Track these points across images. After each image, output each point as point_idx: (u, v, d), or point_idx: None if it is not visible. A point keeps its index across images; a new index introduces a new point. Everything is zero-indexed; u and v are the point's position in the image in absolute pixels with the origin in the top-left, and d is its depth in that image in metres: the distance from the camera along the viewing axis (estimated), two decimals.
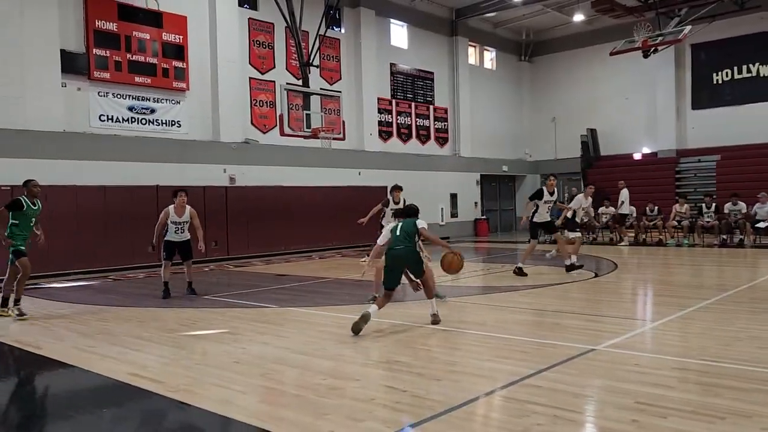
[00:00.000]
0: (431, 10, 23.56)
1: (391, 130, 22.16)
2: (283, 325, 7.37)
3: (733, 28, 21.78)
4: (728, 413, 3.83)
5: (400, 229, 7.24)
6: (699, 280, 11.07)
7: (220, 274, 13.79)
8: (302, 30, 16.11)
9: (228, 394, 4.62)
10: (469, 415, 4.04)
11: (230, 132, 16.91)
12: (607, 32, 24.04)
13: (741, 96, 22.72)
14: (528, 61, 28.05)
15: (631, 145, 25.04)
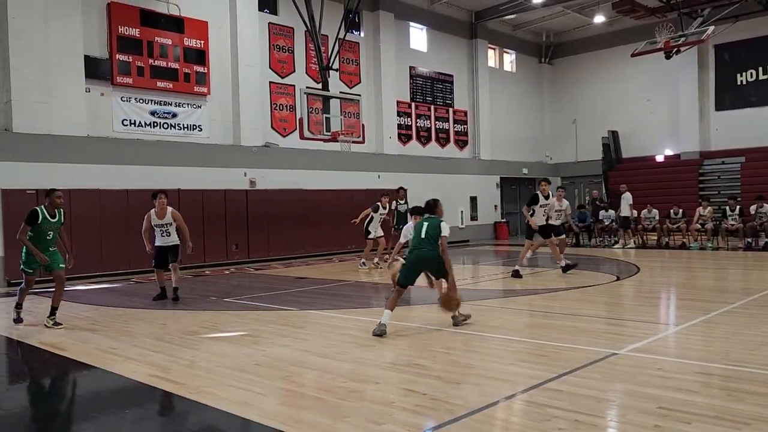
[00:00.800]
0: (450, 12, 23.53)
1: (410, 133, 22.16)
2: (303, 328, 7.40)
3: (757, 28, 21.42)
4: (753, 419, 3.76)
5: (426, 230, 7.15)
6: (723, 283, 10.89)
7: (241, 277, 13.89)
8: (322, 34, 16.18)
9: (248, 396, 4.65)
10: (489, 419, 4.03)
11: (250, 136, 17.05)
12: (628, 33, 23.79)
13: (766, 97, 22.33)
14: (548, 63, 27.87)
15: (653, 146, 24.73)
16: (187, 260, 15.19)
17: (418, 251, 7.11)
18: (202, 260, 15.36)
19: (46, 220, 7.70)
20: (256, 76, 17.30)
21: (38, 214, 7.65)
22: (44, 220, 7.69)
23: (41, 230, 7.69)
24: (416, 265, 7.17)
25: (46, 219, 7.71)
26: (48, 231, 7.75)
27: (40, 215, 7.65)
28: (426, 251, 7.07)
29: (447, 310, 7.11)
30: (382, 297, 10.08)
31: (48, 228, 7.74)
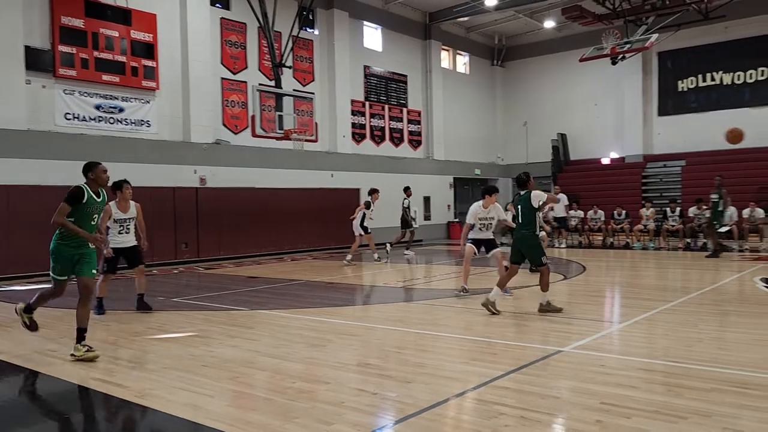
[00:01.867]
0: (405, 13, 23.65)
1: (364, 133, 22.16)
2: (253, 328, 7.31)
3: (698, 37, 22.32)
4: (689, 413, 3.91)
5: (520, 209, 7.45)
6: (664, 282, 11.30)
7: (190, 277, 13.62)
8: (275, 30, 16.02)
9: (195, 398, 4.56)
10: (438, 417, 4.06)
11: (201, 132, 16.73)
12: (577, 39, 24.43)
13: (705, 103, 23.31)
14: (500, 65, 28.34)
15: (599, 149, 25.47)
16: None
17: (517, 233, 7.55)
18: (150, 259, 14.96)
19: (92, 199, 6.05)
20: (207, 71, 16.98)
21: (83, 192, 5.99)
22: (90, 199, 6.03)
23: (85, 212, 6.01)
24: (515, 246, 7.54)
25: (92, 198, 6.05)
26: (93, 214, 6.12)
27: (85, 193, 6.00)
28: (520, 233, 7.40)
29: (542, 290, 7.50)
30: (333, 296, 10.05)
31: (93, 210, 6.11)
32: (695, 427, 3.69)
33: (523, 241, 7.43)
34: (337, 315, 8.16)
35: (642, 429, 3.69)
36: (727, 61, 22.66)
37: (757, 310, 7.71)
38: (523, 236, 7.42)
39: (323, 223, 19.15)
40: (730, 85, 22.78)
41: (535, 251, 7.33)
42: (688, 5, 18.79)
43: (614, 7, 19.08)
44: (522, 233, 7.48)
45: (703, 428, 3.67)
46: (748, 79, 22.43)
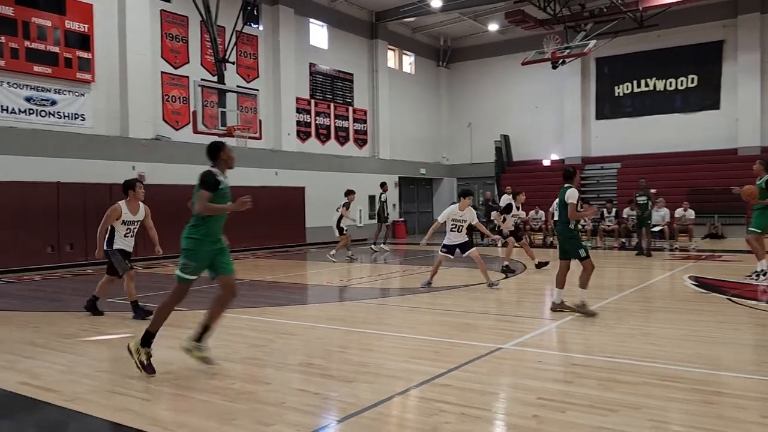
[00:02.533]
0: (351, 11, 23.62)
1: (309, 131, 22.01)
2: (192, 329, 7.12)
3: (633, 44, 23.20)
4: (620, 406, 4.06)
5: (558, 201, 7.49)
6: (599, 280, 11.65)
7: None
8: (218, 25, 15.73)
9: (130, 401, 4.43)
10: (380, 416, 4.07)
11: (140, 127, 16.23)
12: (520, 43, 24.98)
13: (640, 108, 24.27)
14: (446, 67, 28.68)
15: (541, 151, 26.14)
16: (67, 258, 14.26)
17: (556, 227, 7.75)
18: (83, 258, 14.44)
19: (224, 182, 5.32)
20: (146, 64, 16.48)
21: (217, 177, 5.23)
22: (224, 184, 5.30)
23: (221, 198, 5.27)
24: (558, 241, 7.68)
25: (225, 183, 5.32)
26: (227, 199, 5.36)
27: (220, 177, 5.26)
28: (557, 227, 7.54)
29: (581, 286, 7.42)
30: (275, 296, 9.94)
31: (227, 194, 5.34)
32: (625, 419, 3.84)
33: (559, 235, 7.62)
34: (279, 314, 8.08)
35: (576, 423, 3.81)
36: (660, 68, 23.67)
37: (686, 307, 8.08)
38: (559, 231, 7.61)
39: (267, 221, 18.91)
40: (662, 91, 23.80)
41: (569, 244, 7.38)
42: (623, 13, 19.51)
43: (555, 13, 19.61)
44: (558, 228, 7.67)
45: (632, 420, 3.81)
46: (679, 86, 23.48)
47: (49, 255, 14.00)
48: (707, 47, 22.83)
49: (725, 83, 22.62)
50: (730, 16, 22.27)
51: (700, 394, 4.33)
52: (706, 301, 8.52)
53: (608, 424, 3.75)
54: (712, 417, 3.87)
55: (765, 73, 21.85)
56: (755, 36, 21.82)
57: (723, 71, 22.66)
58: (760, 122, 21.89)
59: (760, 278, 9.83)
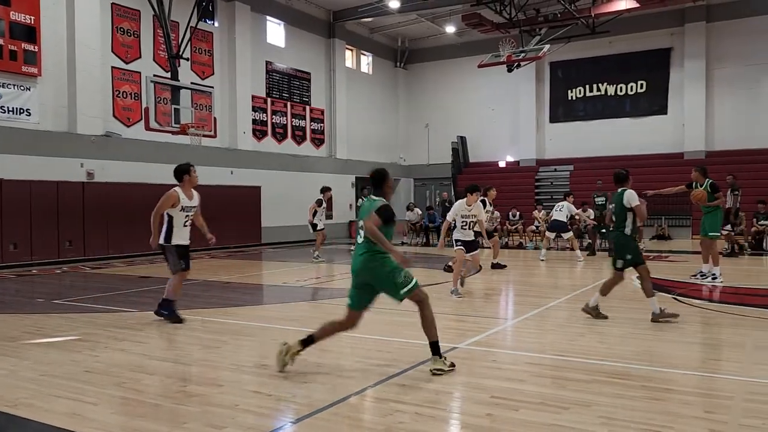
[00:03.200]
0: (309, 10, 23.47)
1: (265, 129, 21.76)
2: (143, 330, 6.96)
3: (586, 49, 23.77)
4: (572, 403, 4.15)
5: (614, 206, 7.07)
6: (553, 280, 11.92)
7: (74, 277, 12.79)
8: (172, 20, 15.37)
9: (76, 406, 4.28)
10: (334, 417, 4.05)
11: (89, 124, 15.73)
12: (477, 45, 25.28)
13: (592, 112, 24.91)
14: (403, 67, 28.79)
15: (496, 153, 26.51)
16: (10, 258, 13.72)
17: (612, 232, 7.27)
18: (28, 258, 13.94)
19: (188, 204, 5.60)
20: (96, 59, 15.98)
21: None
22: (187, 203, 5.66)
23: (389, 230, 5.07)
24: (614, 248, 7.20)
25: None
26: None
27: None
28: (614, 233, 7.09)
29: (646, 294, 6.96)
30: (229, 296, 9.79)
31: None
32: (576, 416, 3.91)
33: (617, 243, 7.04)
34: (233, 315, 7.96)
35: (528, 420, 3.86)
36: (611, 74, 24.33)
37: (634, 305, 8.30)
38: (617, 238, 7.03)
39: (222, 221, 18.55)
40: (613, 95, 24.47)
41: (631, 251, 6.84)
42: (577, 19, 19.97)
43: (511, 17, 19.92)
44: (614, 235, 7.14)
45: (583, 417, 3.89)
46: (629, 91, 24.19)
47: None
48: (656, 54, 23.59)
49: (672, 89, 23.41)
50: (677, 24, 23.06)
51: (648, 390, 4.45)
52: None
53: (560, 422, 3.82)
54: (659, 413, 3.98)
55: (710, 80, 22.70)
56: (701, 44, 22.65)
57: (670, 77, 23.45)
58: (705, 127, 22.73)
59: (707, 279, 10.15)
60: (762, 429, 3.68)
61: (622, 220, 6.93)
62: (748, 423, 3.78)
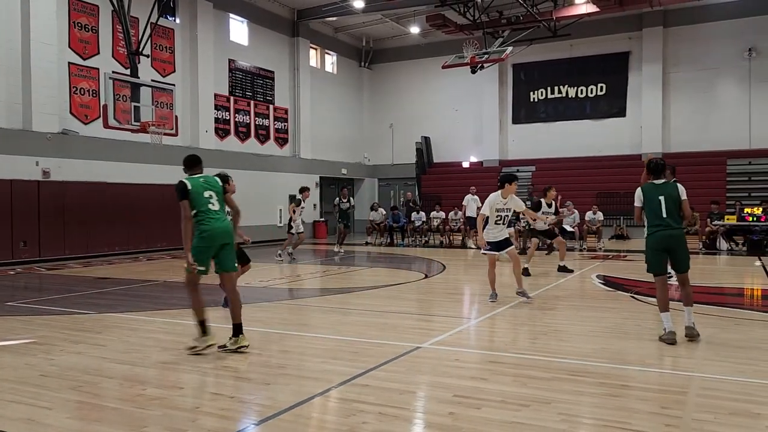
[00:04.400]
0: (272, 8, 23.27)
1: (228, 128, 21.49)
2: (101, 333, 6.80)
3: (547, 52, 24.17)
4: (532, 401, 4.21)
5: (663, 199, 5.88)
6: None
7: (29, 278, 12.42)
8: (131, 16, 15.06)
9: (31, 411, 4.16)
10: (297, 418, 4.03)
11: (44, 121, 15.28)
12: (441, 46, 25.44)
13: (553, 114, 25.34)
14: (368, 67, 28.79)
15: (460, 153, 26.73)
16: None
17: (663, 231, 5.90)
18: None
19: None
20: (51, 54, 15.52)
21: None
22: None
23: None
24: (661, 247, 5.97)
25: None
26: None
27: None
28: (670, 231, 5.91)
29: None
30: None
31: None
32: (536, 413, 3.98)
33: (677, 242, 5.95)
34: None
35: (490, 418, 3.91)
36: (572, 76, 24.79)
37: (593, 304, 8.49)
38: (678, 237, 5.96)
39: None
40: (574, 98, 24.94)
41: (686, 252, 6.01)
42: (538, 22, 20.28)
43: (474, 19, 20.11)
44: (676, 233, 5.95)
45: (543, 414, 3.96)
46: (589, 94, 24.69)
47: None
48: (615, 57, 24.14)
49: (631, 92, 23.98)
50: (635, 28, 23.64)
51: (607, 387, 4.56)
52: (611, 298, 8.99)
53: (520, 419, 3.88)
54: (617, 409, 4.08)
55: (666, 84, 23.34)
56: (658, 48, 23.27)
57: (629, 80, 24.02)
58: (662, 130, 23.36)
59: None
60: (713, 423, 3.80)
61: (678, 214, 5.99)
62: (700, 417, 3.91)
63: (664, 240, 5.91)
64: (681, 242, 5.97)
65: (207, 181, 5.98)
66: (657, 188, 5.99)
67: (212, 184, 5.99)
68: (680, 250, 5.96)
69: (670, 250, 5.97)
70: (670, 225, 5.89)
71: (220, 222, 5.81)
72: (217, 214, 5.83)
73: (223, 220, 5.88)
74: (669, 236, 5.90)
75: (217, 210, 5.83)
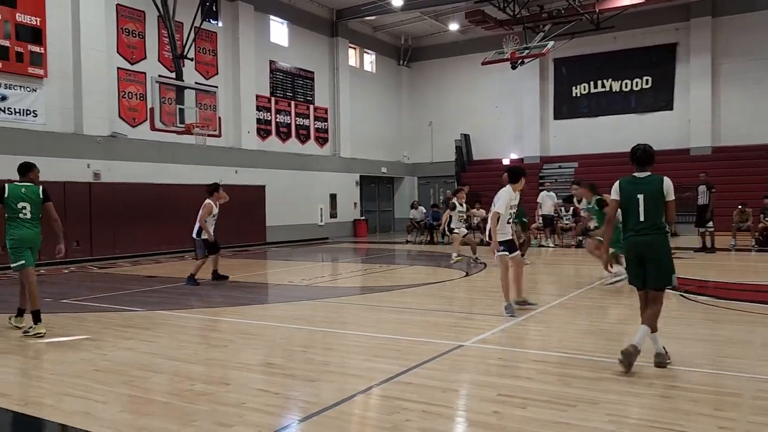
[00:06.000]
0: (312, 9, 23.48)
1: (269, 128, 21.79)
2: (150, 329, 7.00)
3: (590, 45, 23.71)
4: (578, 401, 4.15)
5: (643, 198, 4.91)
6: (557, 278, 11.90)
7: (82, 276, 12.85)
8: (176, 21, 15.43)
9: (86, 404, 4.31)
10: (341, 415, 4.06)
11: (95, 124, 15.80)
12: (480, 42, 25.25)
13: (596, 108, 24.83)
14: (406, 65, 28.77)
15: (500, 150, 26.47)
16: None
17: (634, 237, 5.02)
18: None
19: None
20: (101, 60, 16.04)
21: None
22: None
23: None
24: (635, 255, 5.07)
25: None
26: None
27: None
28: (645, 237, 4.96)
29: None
30: (236, 295, 9.81)
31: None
32: (583, 413, 3.92)
33: (654, 249, 4.96)
34: (240, 314, 7.98)
35: (535, 418, 3.87)
36: (616, 70, 24.25)
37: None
38: (655, 243, 4.96)
39: (227, 220, 18.56)
40: (618, 92, 24.39)
41: (669, 263, 5.00)
42: (581, 15, 19.91)
43: (514, 14, 19.88)
44: (653, 238, 4.96)
45: (590, 415, 3.89)
46: (634, 87, 24.11)
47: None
48: (661, 49, 23.51)
49: (678, 85, 23.32)
50: (682, 19, 22.98)
51: (656, 388, 4.45)
52: None
53: (567, 419, 3.82)
54: (667, 410, 3.98)
55: (716, 75, 22.61)
56: (707, 39, 22.56)
57: (676, 73, 23.36)
58: (711, 123, 22.64)
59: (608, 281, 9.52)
60: None
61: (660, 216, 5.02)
62: (757, 420, 3.78)
63: (637, 247, 5.01)
64: (656, 250, 4.95)
65: (28, 191, 6.73)
66: (637, 184, 5.02)
67: (31, 195, 6.74)
68: (653, 260, 4.94)
69: (642, 260, 4.98)
70: (645, 230, 4.94)
71: (28, 230, 6.72)
72: (28, 222, 6.69)
73: (31, 228, 6.75)
74: (642, 243, 4.96)
75: (29, 219, 6.70)
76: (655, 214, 4.93)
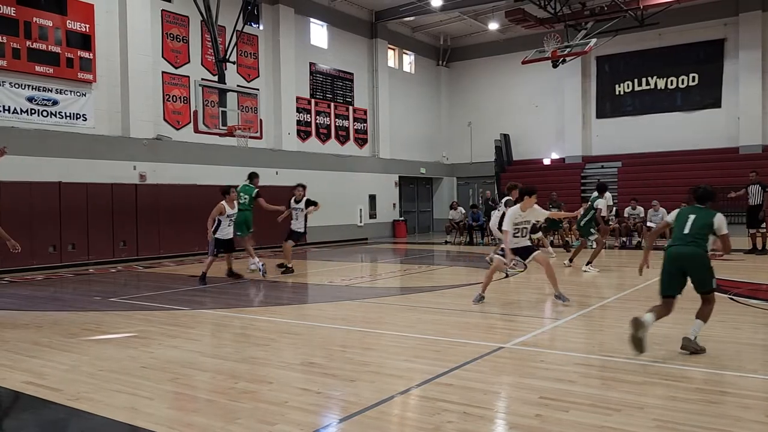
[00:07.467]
0: (351, 11, 23.61)
1: (309, 130, 22.01)
2: (195, 328, 7.16)
3: (634, 42, 23.19)
4: (622, 405, 4.07)
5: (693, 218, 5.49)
6: (600, 280, 11.68)
7: (128, 276, 13.22)
8: (218, 25, 15.72)
9: (133, 400, 4.44)
10: (382, 415, 4.08)
11: (141, 127, 16.23)
12: (520, 41, 24.98)
13: (641, 107, 24.25)
14: (445, 66, 28.67)
15: (541, 150, 26.13)
16: (68, 258, 14.27)
17: (678, 248, 5.51)
18: (85, 258, 14.47)
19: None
20: (147, 65, 16.48)
21: None
22: None
23: None
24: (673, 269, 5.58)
25: None
26: None
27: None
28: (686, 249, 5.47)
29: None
30: (277, 295, 9.95)
31: None
32: (629, 418, 3.84)
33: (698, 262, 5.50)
34: (281, 314, 8.09)
35: (579, 422, 3.81)
36: (661, 67, 23.65)
37: (687, 306, 8.06)
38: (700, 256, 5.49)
39: (268, 220, 18.87)
40: (663, 89, 23.78)
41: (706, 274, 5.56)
42: (624, 12, 19.50)
43: (555, 12, 19.60)
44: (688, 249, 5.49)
45: (635, 419, 3.82)
46: (680, 85, 23.47)
47: (51, 255, 14.01)
48: (708, 45, 22.83)
49: (726, 81, 22.60)
50: (731, 14, 22.26)
51: (704, 393, 4.34)
52: None
53: (612, 423, 3.75)
54: (717, 416, 3.87)
55: (766, 72, 21.83)
56: (756, 34, 21.81)
57: (724, 69, 22.65)
58: (762, 121, 21.88)
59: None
60: None
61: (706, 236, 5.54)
62: None
63: (678, 260, 5.52)
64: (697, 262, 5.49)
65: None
66: (694, 210, 5.62)
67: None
68: (694, 270, 5.52)
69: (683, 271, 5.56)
70: (686, 238, 5.51)
71: None
72: None
73: None
74: (683, 255, 5.50)
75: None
76: (698, 233, 5.47)
